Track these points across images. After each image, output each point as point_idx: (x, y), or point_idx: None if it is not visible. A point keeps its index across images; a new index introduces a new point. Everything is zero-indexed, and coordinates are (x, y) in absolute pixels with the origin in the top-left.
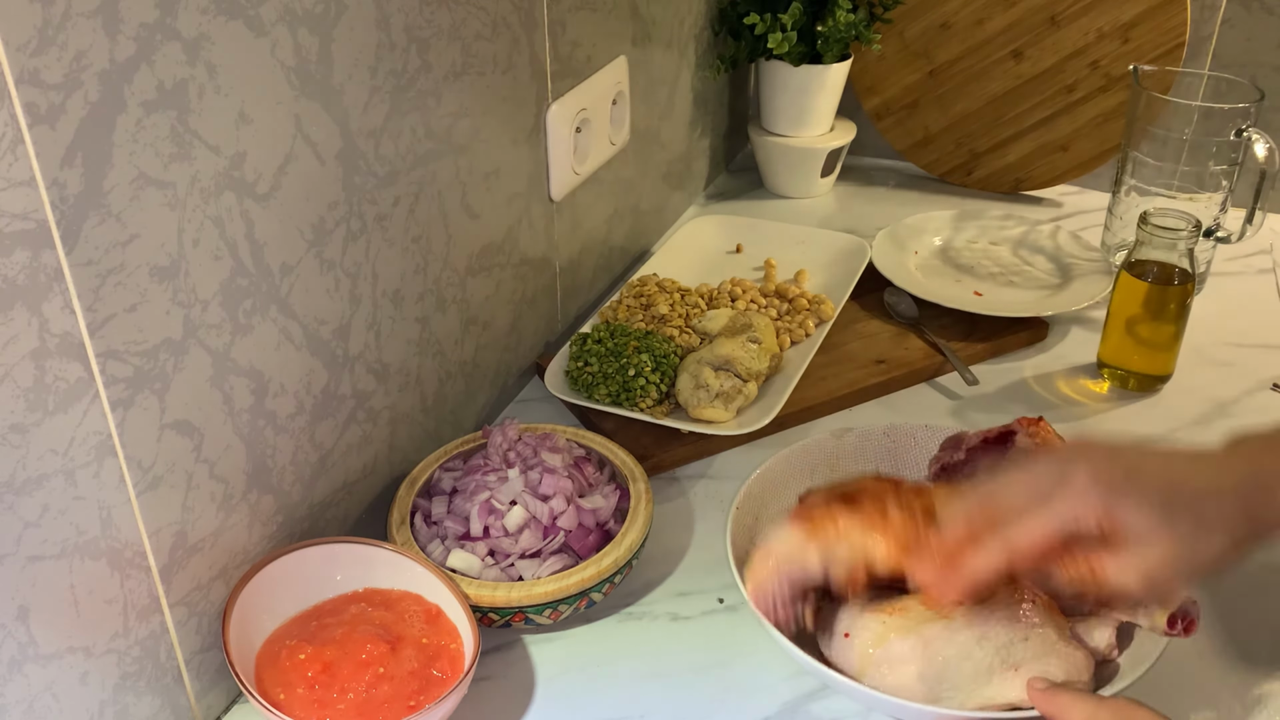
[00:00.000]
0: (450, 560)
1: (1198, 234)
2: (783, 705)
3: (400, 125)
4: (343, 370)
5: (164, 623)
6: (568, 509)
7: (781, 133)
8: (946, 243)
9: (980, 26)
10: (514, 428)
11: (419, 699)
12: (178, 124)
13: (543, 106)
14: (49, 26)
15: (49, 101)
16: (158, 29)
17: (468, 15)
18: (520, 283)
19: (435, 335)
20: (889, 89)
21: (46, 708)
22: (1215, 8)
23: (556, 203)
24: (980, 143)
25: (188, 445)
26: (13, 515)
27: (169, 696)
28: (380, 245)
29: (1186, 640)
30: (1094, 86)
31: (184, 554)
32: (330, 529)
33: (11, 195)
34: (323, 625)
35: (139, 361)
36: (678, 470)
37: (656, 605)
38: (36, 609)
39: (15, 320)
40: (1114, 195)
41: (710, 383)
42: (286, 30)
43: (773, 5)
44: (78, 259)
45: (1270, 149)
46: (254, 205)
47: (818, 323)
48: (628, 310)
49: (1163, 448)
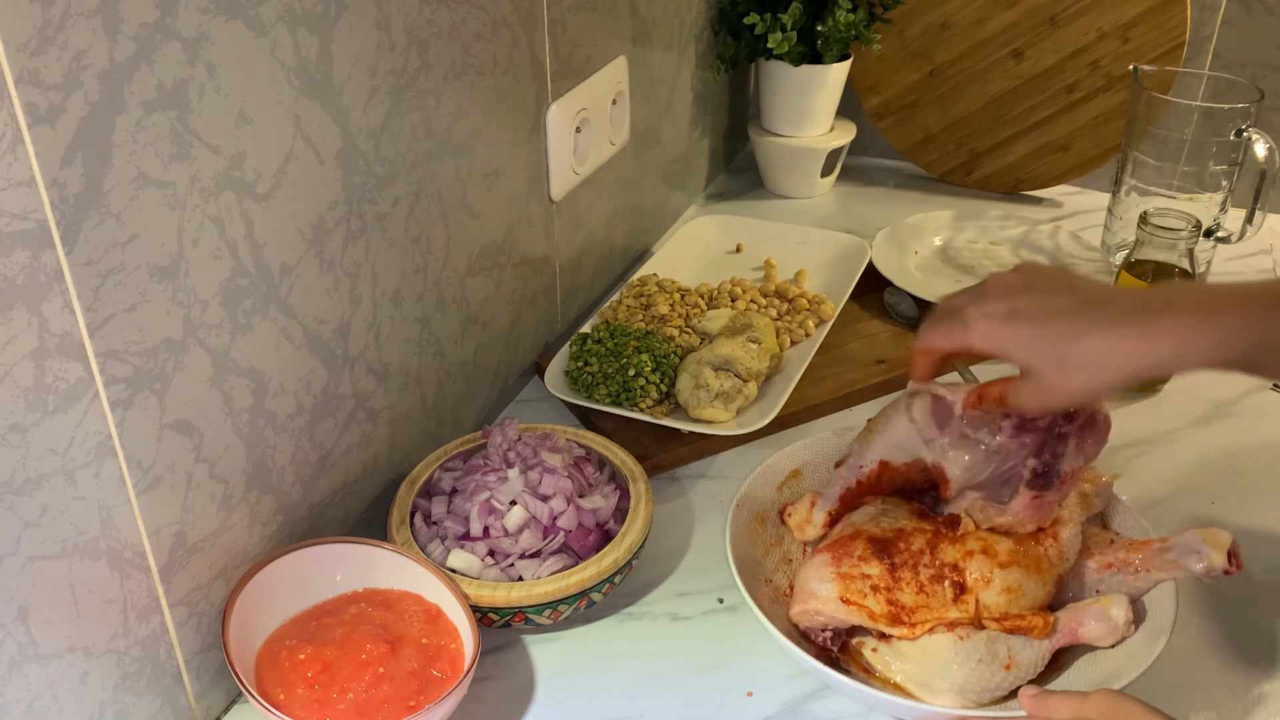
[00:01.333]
0: (450, 560)
1: (1198, 234)
2: (783, 705)
3: (400, 125)
4: (343, 370)
5: (164, 623)
6: (568, 509)
7: (781, 133)
8: (946, 243)
9: (980, 26)
10: (514, 428)
11: (419, 699)
12: (178, 124)
13: (543, 106)
14: (49, 26)
15: (49, 101)
16: (158, 29)
17: (468, 15)
18: (520, 283)
19: (435, 335)
20: (889, 89)
21: (46, 708)
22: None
23: (556, 203)
24: (980, 143)
25: (188, 445)
26: (13, 515)
27: (169, 697)
28: (380, 245)
29: (1186, 640)
30: (1094, 86)
31: (184, 554)
32: (330, 529)
33: (11, 195)
34: (322, 625)
35: (139, 361)
36: (678, 470)
37: (656, 605)
38: (36, 609)
39: (15, 320)
40: (1114, 195)
41: (710, 383)
42: (286, 30)
43: (773, 5)
44: (78, 259)
45: (1270, 149)
46: (254, 205)
47: (818, 323)
48: (628, 310)
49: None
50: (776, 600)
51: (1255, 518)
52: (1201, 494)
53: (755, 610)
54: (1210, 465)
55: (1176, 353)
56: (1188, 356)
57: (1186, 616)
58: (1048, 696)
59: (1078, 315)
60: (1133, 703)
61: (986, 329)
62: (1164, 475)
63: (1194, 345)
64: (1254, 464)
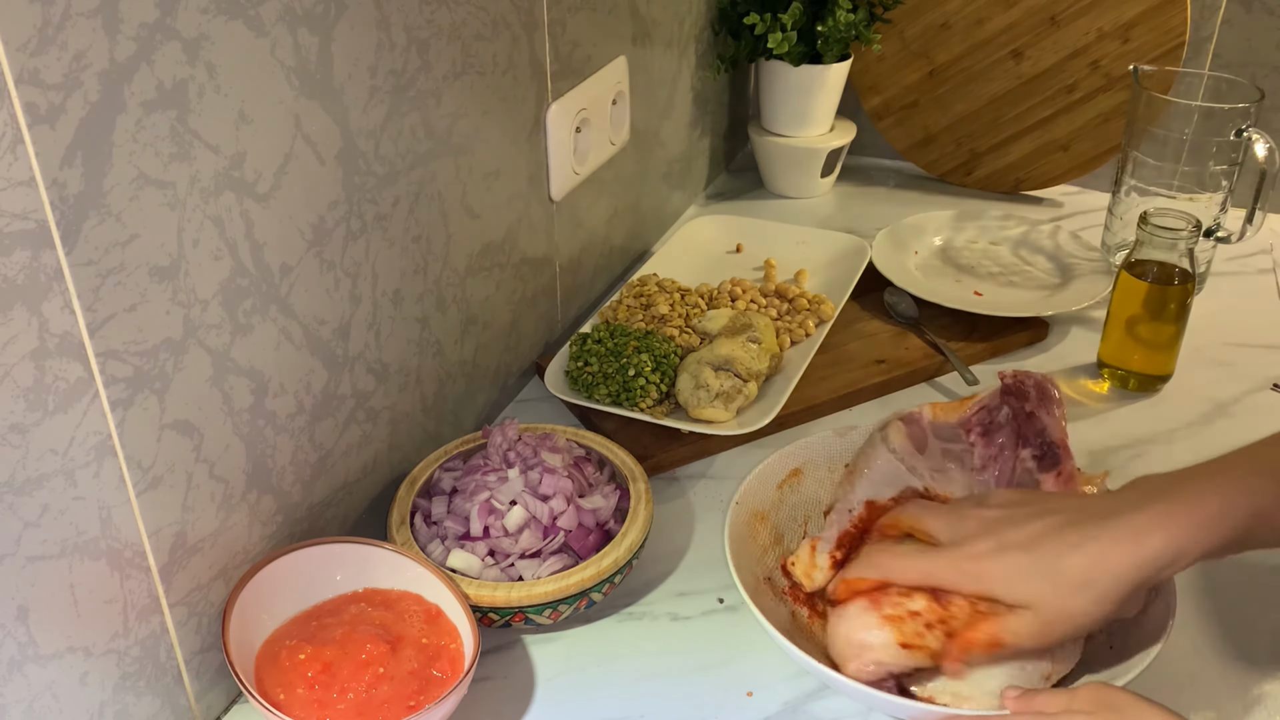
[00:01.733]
0: (450, 560)
1: (1198, 234)
2: (783, 705)
3: (400, 125)
4: (343, 370)
5: (164, 623)
6: (568, 509)
7: (781, 133)
8: (946, 243)
9: (980, 26)
10: (514, 428)
11: (419, 699)
12: (178, 124)
13: (543, 106)
14: (49, 26)
15: (49, 101)
16: (158, 29)
17: (468, 15)
18: (520, 283)
19: (435, 335)
20: (889, 89)
21: (46, 708)
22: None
23: (556, 203)
24: (980, 143)
25: (188, 445)
26: (13, 515)
27: (169, 696)
28: (380, 245)
29: (1186, 640)
30: (1094, 86)
31: (184, 554)
32: (330, 529)
33: (11, 195)
34: (323, 625)
35: (139, 361)
36: (678, 470)
37: (656, 605)
38: (36, 609)
39: (15, 320)
40: (1114, 195)
41: (710, 383)
42: (286, 30)
43: (773, 5)
44: (78, 259)
45: (1270, 149)
46: (254, 205)
47: (818, 323)
48: (628, 310)
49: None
50: (777, 599)
51: None
52: None
53: (754, 610)
54: None
55: (1169, 546)
56: (1183, 548)
57: (1186, 616)
58: (1035, 694)
59: (1063, 532)
60: (1122, 693)
61: (975, 570)
62: None
63: (1184, 536)
64: None
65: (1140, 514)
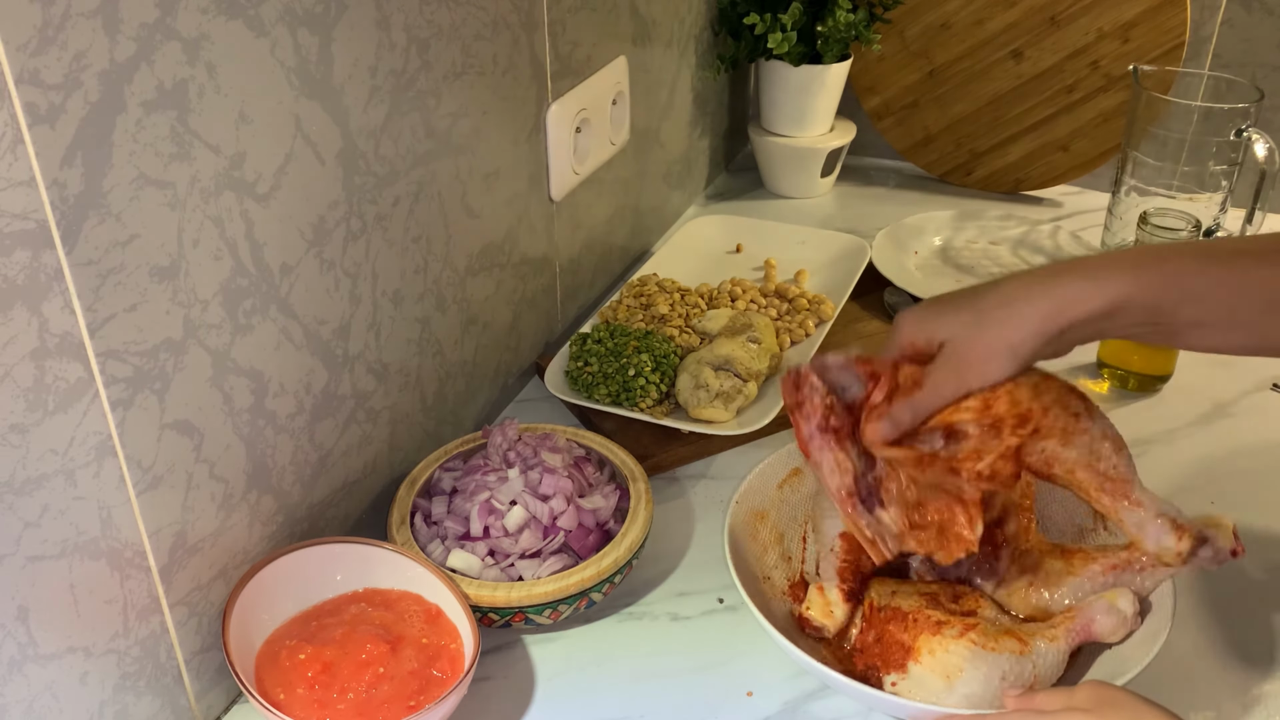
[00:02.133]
0: (450, 560)
1: (1198, 234)
2: (783, 705)
3: (400, 125)
4: (343, 370)
5: (164, 623)
6: (568, 509)
7: (781, 133)
8: (946, 243)
9: (980, 26)
10: (514, 428)
11: (419, 699)
12: (178, 124)
13: (543, 106)
14: (49, 26)
15: (49, 101)
16: (158, 29)
17: (468, 15)
18: (520, 283)
19: (435, 335)
20: (889, 89)
21: (46, 708)
22: (1215, 8)
23: (556, 203)
24: (980, 143)
25: (188, 445)
26: (13, 515)
27: (169, 696)
28: (380, 245)
29: (1186, 640)
30: (1094, 86)
31: (184, 554)
32: (330, 529)
33: (11, 195)
34: (323, 625)
35: (139, 361)
36: (678, 470)
37: (656, 605)
38: (36, 609)
39: (15, 320)
40: (1114, 195)
41: (710, 383)
42: (286, 30)
43: (773, 5)
44: (78, 259)
45: (1270, 149)
46: (254, 205)
47: (818, 323)
48: (628, 310)
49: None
50: (776, 599)
51: (1255, 518)
52: (1201, 494)
53: (754, 610)
54: (1210, 465)
55: (1079, 285)
56: (1088, 293)
57: (1186, 616)
58: (1034, 692)
59: (980, 287)
60: (1121, 692)
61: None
62: (1164, 475)
63: (1090, 285)
64: (1254, 464)
65: (1052, 269)
